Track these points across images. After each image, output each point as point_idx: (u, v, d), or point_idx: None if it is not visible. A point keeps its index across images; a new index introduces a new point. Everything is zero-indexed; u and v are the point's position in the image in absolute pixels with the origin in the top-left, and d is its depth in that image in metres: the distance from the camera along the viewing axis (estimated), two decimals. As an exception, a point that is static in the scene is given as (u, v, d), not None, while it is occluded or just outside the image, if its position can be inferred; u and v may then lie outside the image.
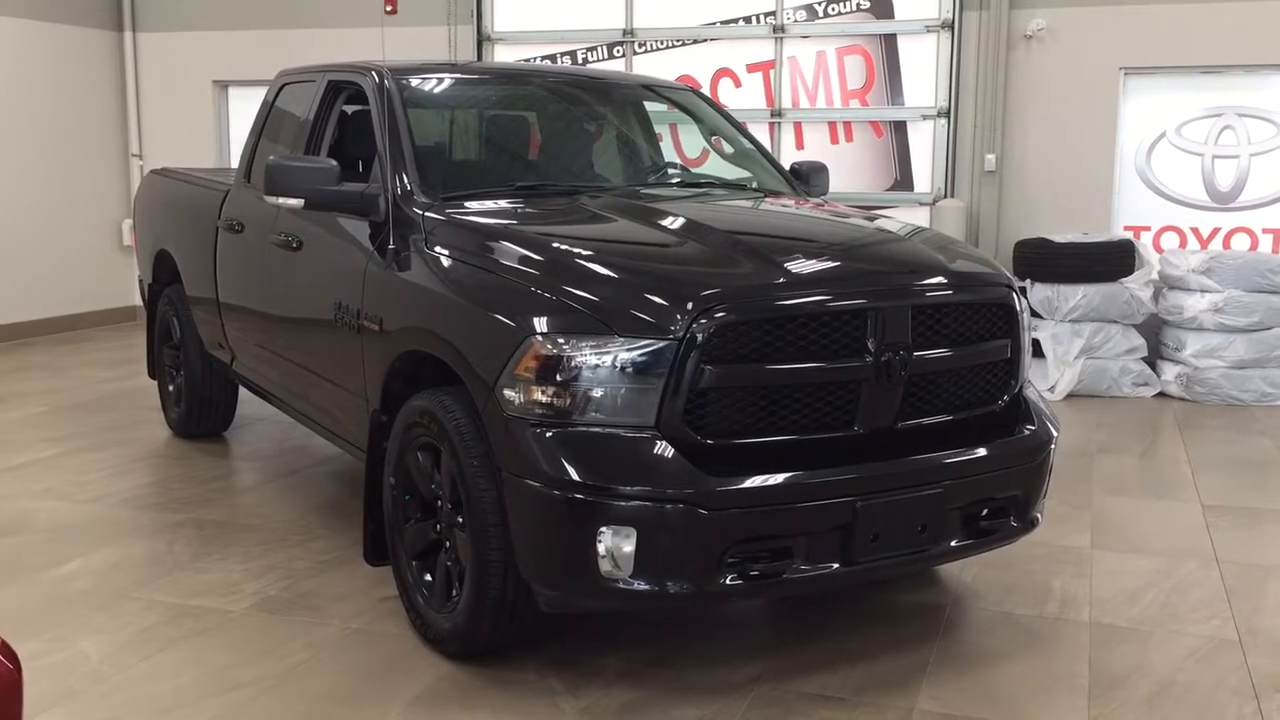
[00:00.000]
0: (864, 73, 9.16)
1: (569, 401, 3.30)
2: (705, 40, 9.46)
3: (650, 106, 5.46)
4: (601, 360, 3.28)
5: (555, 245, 3.74)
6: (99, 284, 10.86)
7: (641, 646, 3.91)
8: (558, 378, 3.30)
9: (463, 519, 3.60)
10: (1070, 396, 8.09)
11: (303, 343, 4.88)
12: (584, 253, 3.69)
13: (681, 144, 7.91)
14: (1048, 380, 8.16)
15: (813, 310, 3.42)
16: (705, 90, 9.46)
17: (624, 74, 5.57)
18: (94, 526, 5.12)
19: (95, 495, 5.56)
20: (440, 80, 4.97)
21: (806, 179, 5.26)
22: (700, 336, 3.27)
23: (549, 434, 3.32)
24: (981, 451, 3.71)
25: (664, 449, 3.27)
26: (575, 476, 3.26)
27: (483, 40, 9.93)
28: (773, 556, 3.38)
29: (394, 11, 10.32)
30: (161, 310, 6.70)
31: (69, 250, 10.52)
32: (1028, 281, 8.39)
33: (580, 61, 9.72)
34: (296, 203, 4.28)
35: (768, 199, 4.85)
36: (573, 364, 3.29)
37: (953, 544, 3.69)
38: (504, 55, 9.92)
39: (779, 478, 3.33)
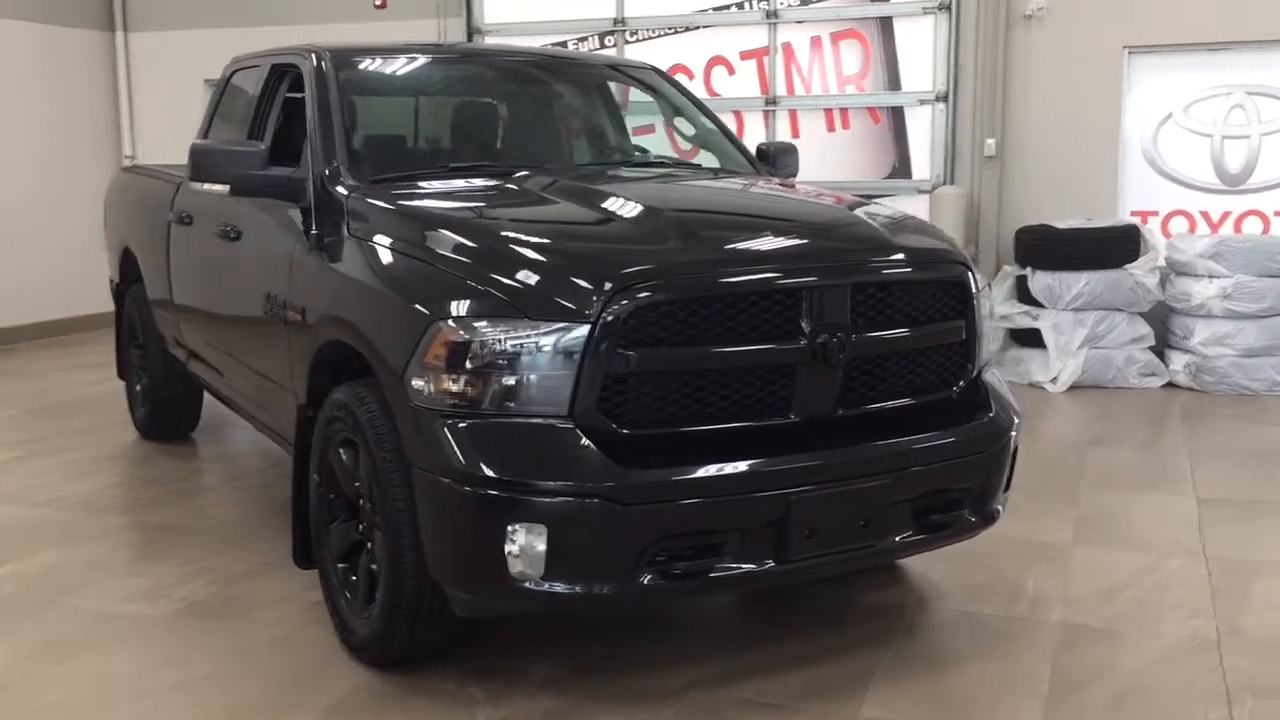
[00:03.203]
0: (860, 57, 8.91)
1: (478, 391, 3.09)
2: (698, 28, 9.22)
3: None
4: (511, 346, 3.07)
5: (470, 227, 3.53)
6: (88, 287, 10.70)
7: (575, 651, 3.69)
8: (467, 365, 3.09)
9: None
10: (1074, 388, 7.79)
11: (241, 338, 4.70)
12: (500, 234, 3.47)
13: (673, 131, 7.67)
14: (1050, 371, 7.87)
15: (738, 290, 3.19)
16: (699, 79, 9.25)
17: (584, 54, 5.34)
18: (38, 530, 4.96)
19: (47, 498, 5.41)
20: (385, 62, 4.76)
21: (774, 160, 5.02)
22: (615, 319, 3.04)
23: (457, 425, 3.11)
24: (930, 440, 3.46)
25: (577, 440, 3.05)
26: (482, 471, 3.05)
27: (473, 33, 9.76)
28: (698, 554, 3.15)
29: (383, 6, 10.23)
30: (127, 309, 6.55)
31: (58, 253, 10.40)
32: (1028, 269, 8.11)
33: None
34: (222, 189, 4.10)
35: (724, 179, 4.61)
36: (482, 351, 3.08)
37: (902, 539, 3.45)
38: (493, 47, 9.74)
39: (702, 470, 3.11)
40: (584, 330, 3.04)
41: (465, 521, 3.10)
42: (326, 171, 4.02)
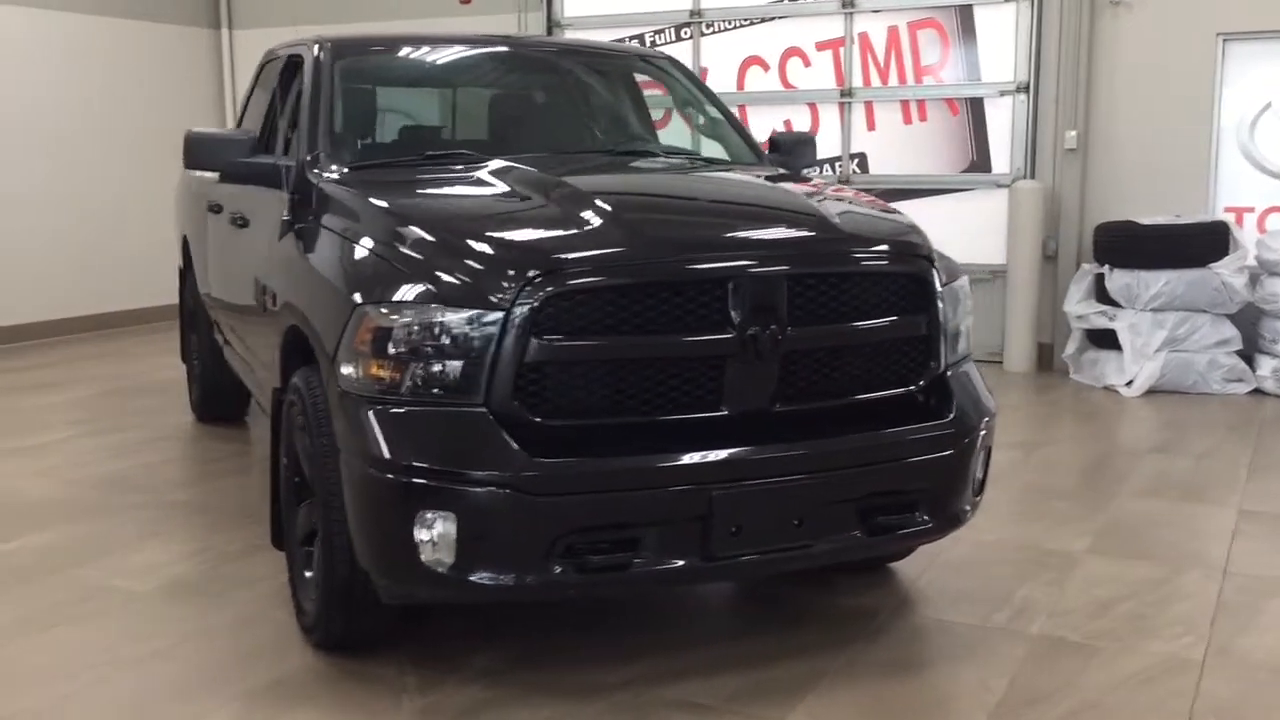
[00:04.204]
0: (938, 47, 8.63)
1: (398, 377, 3.09)
2: (773, 19, 9.07)
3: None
4: (428, 333, 3.05)
5: (406, 214, 3.51)
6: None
7: (523, 643, 3.66)
8: (390, 351, 3.09)
9: (325, 502, 3.42)
10: (1151, 393, 7.41)
11: (245, 324, 4.80)
12: (432, 221, 3.44)
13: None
14: (1125, 374, 7.50)
15: (658, 279, 3.10)
16: (774, 71, 9.10)
17: (594, 43, 5.28)
18: (62, 505, 5.16)
19: (83, 476, 5.62)
20: (387, 52, 4.80)
21: (788, 150, 4.89)
22: (528, 307, 3.00)
23: (377, 411, 3.11)
24: (873, 440, 3.32)
25: (489, 428, 3.02)
26: (393, 457, 3.04)
27: (552, 26, 9.79)
28: (616, 548, 3.08)
29: (468, 1, 10.34)
30: (187, 295, 6.77)
31: (164, 244, 10.78)
32: (1106, 267, 7.74)
33: (647, 44, 9.48)
34: (212, 176, 4.19)
35: (713, 169, 4.47)
36: (401, 337, 3.07)
37: (845, 541, 3.31)
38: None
39: (615, 462, 3.04)
40: (497, 318, 3.01)
41: (380, 507, 3.10)
42: (308, 158, 4.08)
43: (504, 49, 4.90)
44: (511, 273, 3.04)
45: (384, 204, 3.56)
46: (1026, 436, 6.40)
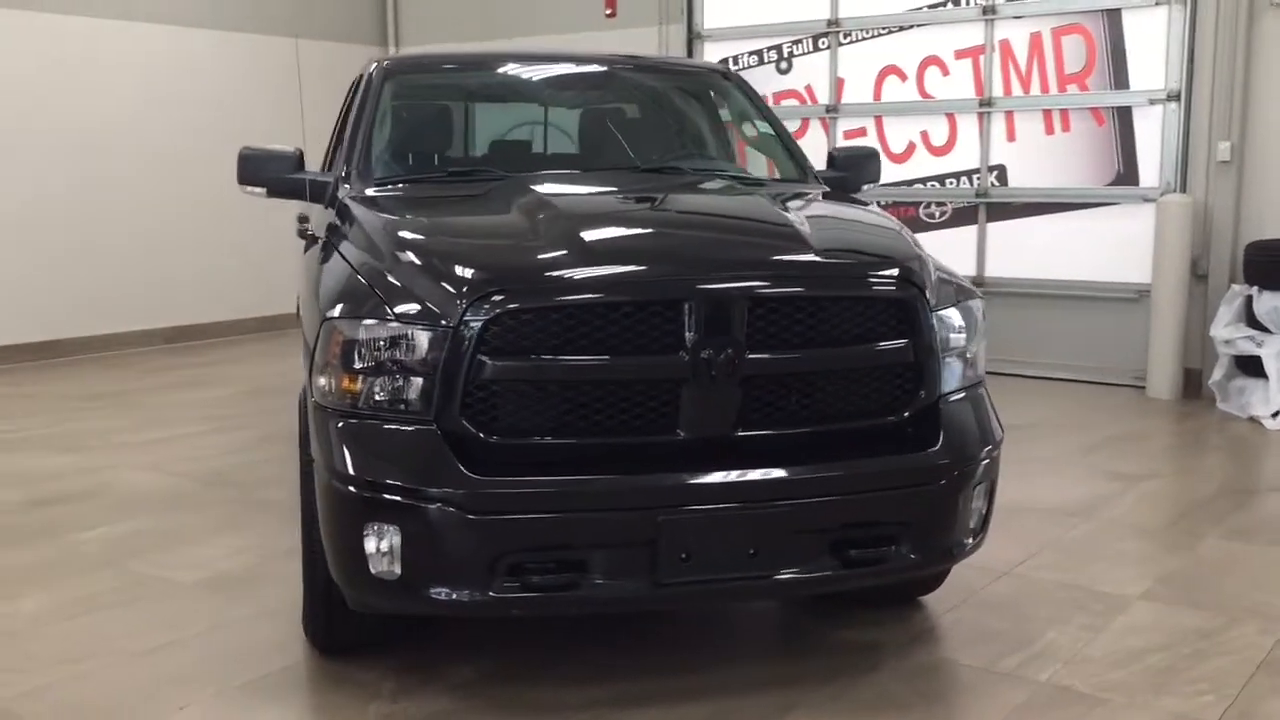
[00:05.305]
0: (1083, 54, 8.21)
1: (357, 390, 3.17)
2: (911, 26, 8.83)
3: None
4: (382, 347, 3.12)
5: (386, 230, 3.57)
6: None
7: (508, 656, 3.69)
8: (354, 365, 3.17)
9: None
10: (1301, 425, 6.86)
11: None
12: (406, 237, 3.50)
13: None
14: (1269, 405, 6.96)
15: (609, 300, 3.08)
16: (911, 81, 8.86)
17: (646, 57, 5.22)
18: (157, 497, 5.50)
19: (189, 470, 5.98)
20: (439, 71, 4.91)
21: (845, 167, 4.75)
22: (474, 325, 3.03)
23: (338, 424, 3.20)
24: (845, 468, 3.19)
25: (433, 445, 3.06)
26: (343, 469, 3.13)
27: (693, 38, 9.81)
28: (562, 569, 3.07)
29: (614, 15, 10.48)
30: (306, 303, 7.10)
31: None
32: (1255, 289, 7.20)
33: (785, 55, 9.38)
34: (260, 191, 4.39)
35: (731, 186, 4.34)
36: (359, 350, 3.15)
37: (810, 573, 3.20)
38: (712, 52, 9.75)
39: (557, 483, 3.03)
40: (445, 335, 3.05)
41: (337, 517, 3.19)
42: (342, 174, 4.23)
43: (553, 66, 4.94)
44: (458, 291, 3.07)
45: (372, 221, 3.65)
46: (1137, 468, 6.01)
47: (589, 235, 3.33)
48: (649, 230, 3.58)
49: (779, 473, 3.13)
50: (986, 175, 8.65)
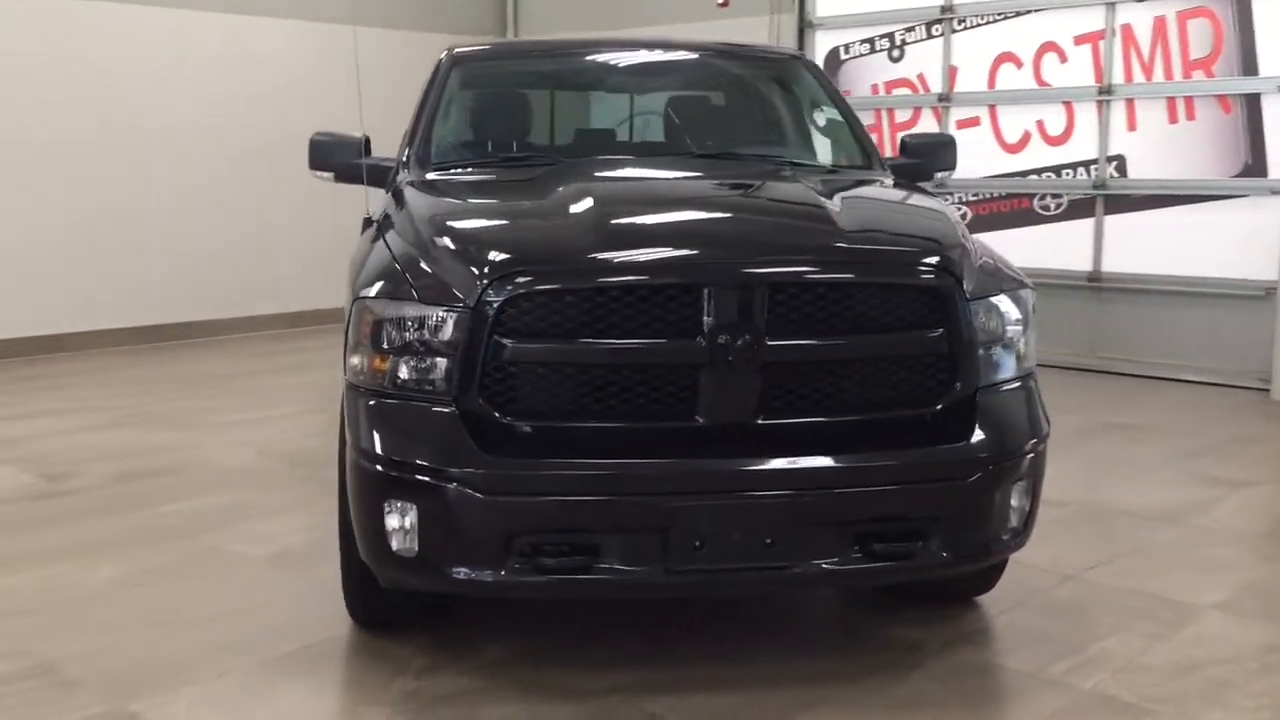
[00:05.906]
0: (1210, 38, 7.80)
1: (383, 370, 3.21)
2: (1028, 12, 8.53)
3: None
4: (408, 328, 3.16)
5: (422, 213, 3.59)
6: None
7: (540, 638, 3.69)
8: (383, 345, 3.22)
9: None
10: None
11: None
12: (440, 221, 3.51)
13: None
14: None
15: (623, 284, 3.04)
16: (1028, 68, 8.56)
17: (715, 42, 5.09)
18: (243, 474, 5.68)
19: (277, 449, 6.15)
20: (506, 59, 4.94)
21: (918, 154, 4.62)
22: (493, 307, 3.03)
23: (366, 403, 3.25)
24: (869, 460, 3.10)
25: (448, 424, 3.08)
26: (368, 446, 3.18)
27: (804, 27, 9.67)
28: (575, 552, 3.05)
29: (726, 4, 10.41)
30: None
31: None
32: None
33: (898, 43, 9.17)
34: (328, 176, 4.48)
35: (783, 172, 4.23)
36: (387, 332, 3.19)
37: (833, 565, 3.11)
38: (824, 41, 9.60)
39: (569, 465, 3.02)
40: (465, 316, 3.06)
41: (359, 494, 3.24)
42: (403, 159, 4.29)
43: (616, 53, 4.91)
44: (478, 272, 3.08)
45: (417, 204, 3.69)
46: (1241, 474, 5.70)
47: (614, 219, 3.31)
48: (675, 215, 3.54)
49: (797, 462, 3.06)
50: (1105, 166, 8.30)
